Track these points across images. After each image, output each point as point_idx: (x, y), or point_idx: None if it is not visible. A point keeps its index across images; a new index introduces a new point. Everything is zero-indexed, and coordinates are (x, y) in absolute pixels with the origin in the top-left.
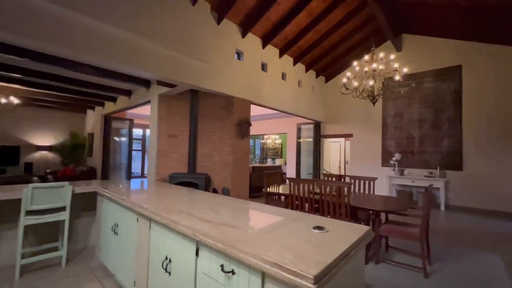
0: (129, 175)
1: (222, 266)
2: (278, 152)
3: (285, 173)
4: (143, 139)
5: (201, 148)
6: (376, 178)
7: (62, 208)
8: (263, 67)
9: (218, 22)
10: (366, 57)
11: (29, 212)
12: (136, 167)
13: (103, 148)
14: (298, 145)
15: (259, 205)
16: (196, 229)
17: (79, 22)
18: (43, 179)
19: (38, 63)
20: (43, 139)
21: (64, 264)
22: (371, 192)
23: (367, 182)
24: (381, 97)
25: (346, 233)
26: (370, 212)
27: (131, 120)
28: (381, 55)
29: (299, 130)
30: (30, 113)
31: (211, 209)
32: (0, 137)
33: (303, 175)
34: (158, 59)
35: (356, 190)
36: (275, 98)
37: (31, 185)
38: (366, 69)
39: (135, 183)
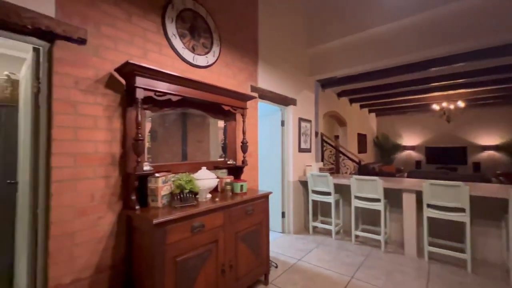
0: None
1: None
2: None
3: None
4: None
5: None
6: None
7: (462, 209)
8: None
9: None
10: None
11: (429, 205)
12: None
13: None
14: None
15: None
16: None
17: None
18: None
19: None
20: (488, 138)
21: (470, 270)
22: None
23: None
24: None
25: None
26: None
27: None
28: None
29: None
30: (473, 113)
31: None
32: (449, 140)
33: None
34: None
35: None
36: None
37: (427, 181)
38: None
39: None
